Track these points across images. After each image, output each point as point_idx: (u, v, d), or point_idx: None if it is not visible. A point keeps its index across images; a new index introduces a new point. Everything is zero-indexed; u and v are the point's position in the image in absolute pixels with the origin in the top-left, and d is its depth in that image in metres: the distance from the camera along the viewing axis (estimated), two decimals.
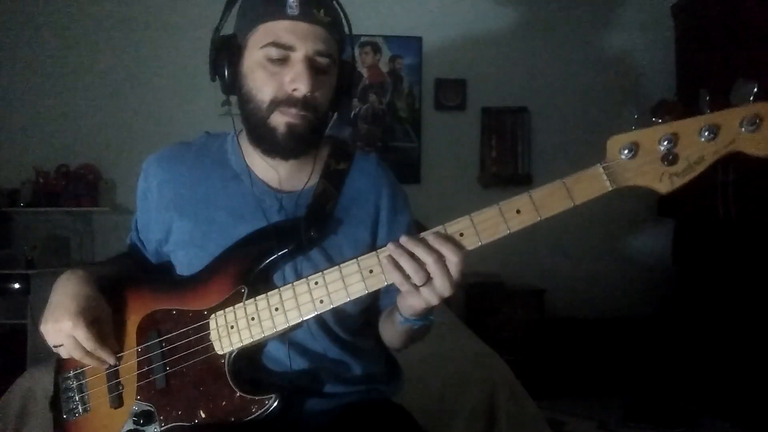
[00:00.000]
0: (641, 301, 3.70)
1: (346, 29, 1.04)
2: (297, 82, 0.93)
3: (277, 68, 0.95)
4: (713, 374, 3.01)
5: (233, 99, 1.04)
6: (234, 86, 1.01)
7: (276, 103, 0.95)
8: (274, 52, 0.94)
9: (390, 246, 0.86)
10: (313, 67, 0.95)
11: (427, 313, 0.93)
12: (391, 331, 1.06)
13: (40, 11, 3.59)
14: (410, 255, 0.84)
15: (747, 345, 2.79)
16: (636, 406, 3.03)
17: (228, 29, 1.02)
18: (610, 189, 0.81)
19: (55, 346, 0.96)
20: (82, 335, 0.92)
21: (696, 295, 3.25)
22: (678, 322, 3.34)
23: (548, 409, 2.94)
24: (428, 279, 0.84)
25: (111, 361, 0.98)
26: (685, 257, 3.40)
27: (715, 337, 3.03)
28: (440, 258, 0.83)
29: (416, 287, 0.85)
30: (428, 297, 0.85)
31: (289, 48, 0.94)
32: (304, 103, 0.95)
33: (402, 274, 0.84)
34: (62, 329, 0.92)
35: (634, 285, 3.75)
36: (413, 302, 0.88)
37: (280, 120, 0.96)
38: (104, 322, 0.98)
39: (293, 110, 0.95)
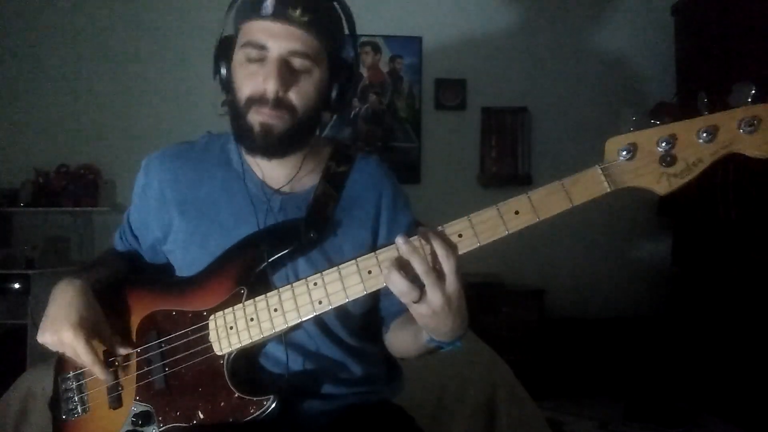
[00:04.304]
0: (641, 302, 3.69)
1: (346, 29, 1.04)
2: (266, 81, 0.94)
3: (255, 68, 0.96)
4: (713, 374, 3.01)
5: None
6: (228, 85, 1.02)
7: (251, 102, 0.96)
8: (251, 52, 0.95)
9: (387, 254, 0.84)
10: (286, 67, 0.94)
11: (458, 337, 0.88)
12: (407, 344, 1.01)
13: (42, 13, 3.59)
14: (405, 268, 0.80)
15: (747, 345, 2.79)
16: (636, 406, 3.03)
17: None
18: (609, 190, 0.80)
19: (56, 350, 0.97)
20: (82, 349, 0.93)
21: (696, 296, 3.25)
22: (678, 322, 3.34)
23: (548, 409, 2.93)
24: (422, 295, 0.80)
25: (103, 376, 0.97)
26: (685, 258, 3.40)
27: (714, 338, 3.03)
28: (433, 268, 0.79)
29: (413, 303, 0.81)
30: (423, 310, 0.81)
31: (263, 48, 0.94)
32: (276, 103, 0.95)
33: (399, 288, 0.80)
34: (63, 340, 0.93)
35: (634, 285, 3.75)
36: (419, 310, 0.83)
37: (255, 119, 0.96)
38: (102, 332, 0.98)
39: (265, 109, 0.95)
